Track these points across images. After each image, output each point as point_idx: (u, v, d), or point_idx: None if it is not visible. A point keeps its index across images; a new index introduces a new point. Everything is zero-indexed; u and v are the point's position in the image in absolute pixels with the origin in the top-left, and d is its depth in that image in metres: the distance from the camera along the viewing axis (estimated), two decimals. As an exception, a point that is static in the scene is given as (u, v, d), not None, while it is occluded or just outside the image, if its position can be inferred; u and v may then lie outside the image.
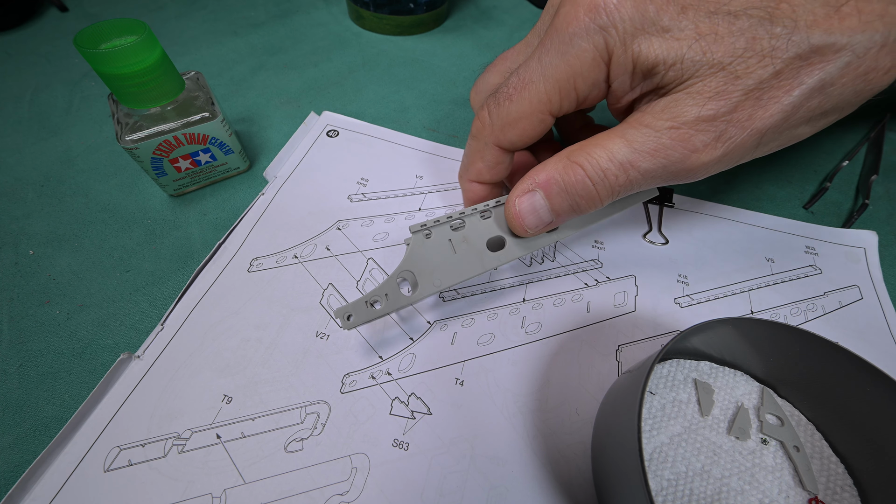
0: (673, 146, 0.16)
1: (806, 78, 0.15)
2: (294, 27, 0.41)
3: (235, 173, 0.28)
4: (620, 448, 0.14)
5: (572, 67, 0.17)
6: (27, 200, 0.27)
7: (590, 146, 0.17)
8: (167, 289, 0.23)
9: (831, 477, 0.17)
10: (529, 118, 0.18)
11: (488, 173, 0.21)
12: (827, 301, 0.24)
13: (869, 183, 0.29)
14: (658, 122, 0.16)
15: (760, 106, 0.16)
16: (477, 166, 0.21)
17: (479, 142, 0.20)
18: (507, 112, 0.18)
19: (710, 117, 0.15)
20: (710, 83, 0.15)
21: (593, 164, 0.17)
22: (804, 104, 0.16)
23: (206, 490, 0.17)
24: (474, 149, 0.21)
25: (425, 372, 0.21)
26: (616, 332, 0.22)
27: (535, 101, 0.18)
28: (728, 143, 0.16)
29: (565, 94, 0.18)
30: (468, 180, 0.22)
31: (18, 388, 0.20)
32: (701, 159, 0.16)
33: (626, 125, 0.17)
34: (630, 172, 0.17)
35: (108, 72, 0.20)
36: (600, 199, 0.18)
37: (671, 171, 0.17)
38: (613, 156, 0.17)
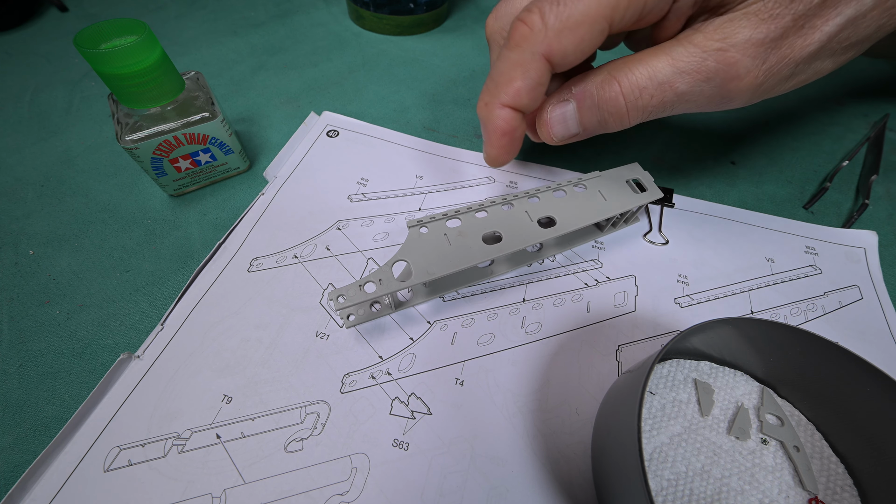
0: (717, 70, 0.16)
1: (844, 8, 0.15)
2: (294, 27, 0.41)
3: (235, 173, 0.28)
4: (620, 448, 0.14)
5: None
6: (27, 200, 0.27)
7: (633, 61, 0.17)
8: (167, 289, 0.23)
9: (831, 477, 0.17)
10: (592, 24, 0.16)
11: (527, 95, 0.17)
12: (827, 301, 0.24)
13: (869, 183, 0.29)
14: (708, 42, 0.16)
15: (802, 34, 0.16)
16: (515, 85, 0.17)
17: (524, 52, 0.16)
18: (570, 12, 0.15)
19: (760, 41, 0.15)
20: (767, 4, 0.15)
21: (631, 81, 0.16)
22: (837, 34, 0.16)
23: (206, 490, 0.17)
24: (513, 62, 0.17)
25: (425, 372, 0.21)
26: (616, 332, 0.22)
27: (603, 4, 0.15)
28: (768, 71, 0.16)
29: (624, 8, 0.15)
30: (500, 104, 0.18)
31: (18, 388, 0.20)
32: (740, 86, 0.16)
33: (674, 42, 0.16)
34: (666, 93, 0.16)
35: (108, 72, 0.20)
36: (629, 118, 0.18)
37: (706, 96, 0.17)
38: (654, 74, 0.16)
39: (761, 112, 0.35)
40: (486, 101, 0.18)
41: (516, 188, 0.28)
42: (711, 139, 0.33)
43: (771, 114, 0.35)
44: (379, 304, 0.22)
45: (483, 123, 0.19)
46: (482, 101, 0.19)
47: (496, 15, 0.20)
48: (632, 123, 0.18)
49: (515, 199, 0.22)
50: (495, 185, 0.28)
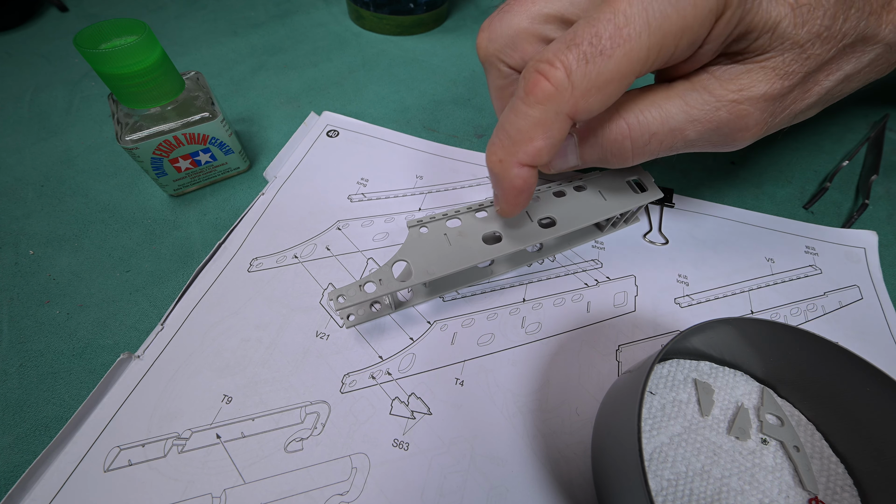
0: (728, 121, 0.15)
1: (845, 65, 0.15)
2: (294, 27, 0.41)
3: (235, 173, 0.28)
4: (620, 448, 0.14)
5: (686, 20, 0.13)
6: (27, 200, 0.27)
7: (643, 102, 0.16)
8: (167, 289, 0.23)
9: (831, 477, 0.17)
10: (621, 81, 0.14)
11: (548, 154, 0.16)
12: (827, 301, 0.24)
13: (869, 183, 0.29)
14: (722, 91, 0.15)
15: (806, 90, 0.16)
16: (536, 145, 0.15)
17: (547, 110, 0.15)
18: (601, 72, 0.14)
19: (772, 97, 0.15)
20: (786, 60, 0.15)
21: (642, 125, 0.16)
22: (833, 88, 0.16)
23: (206, 490, 0.17)
24: (535, 121, 0.15)
25: (425, 372, 0.21)
26: (616, 332, 0.22)
27: (634, 60, 0.14)
28: (772, 122, 0.16)
29: (664, 53, 0.14)
30: (518, 163, 0.16)
31: (18, 388, 0.20)
32: (745, 136, 0.16)
33: (688, 86, 0.16)
34: (676, 139, 0.16)
35: (108, 72, 0.20)
36: (632, 160, 0.17)
37: (711, 143, 0.16)
38: (667, 119, 0.16)
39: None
40: (500, 157, 0.16)
41: (516, 188, 0.28)
42: (711, 139, 0.33)
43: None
44: (379, 304, 0.22)
45: (497, 179, 0.17)
46: (495, 155, 0.16)
47: (490, 35, 0.19)
48: (632, 164, 0.17)
49: (515, 199, 0.22)
50: (495, 185, 0.28)
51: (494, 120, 0.33)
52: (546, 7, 0.17)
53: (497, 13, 0.18)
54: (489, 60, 0.19)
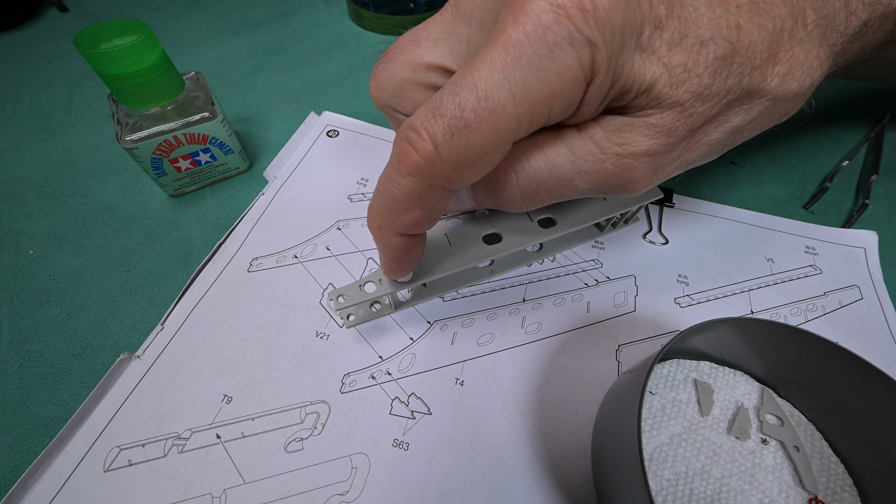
0: (615, 173, 0.15)
1: (733, 118, 0.16)
2: (294, 27, 0.41)
3: (235, 173, 0.28)
4: (620, 448, 0.14)
5: (551, 89, 0.13)
6: (27, 200, 0.27)
7: (531, 149, 0.15)
8: (167, 289, 0.23)
9: (831, 477, 0.17)
10: (494, 152, 0.14)
11: (427, 223, 0.15)
12: (827, 301, 0.24)
13: (869, 183, 0.29)
14: (607, 144, 0.15)
15: (694, 142, 0.16)
16: (412, 216, 0.15)
17: (420, 183, 0.14)
18: (468, 146, 0.13)
19: (656, 152, 0.15)
20: (666, 118, 0.14)
21: (529, 174, 0.15)
22: (723, 140, 0.16)
23: (206, 490, 0.17)
24: (411, 192, 0.14)
25: (425, 372, 0.21)
26: (616, 332, 0.22)
27: (503, 131, 0.13)
28: (661, 173, 0.16)
29: (536, 120, 0.13)
30: (395, 233, 0.16)
31: (18, 388, 0.20)
32: (636, 186, 0.16)
33: (575, 134, 0.15)
34: (566, 188, 0.16)
35: (108, 72, 0.20)
36: (525, 207, 0.17)
37: (601, 192, 0.16)
38: (554, 168, 0.15)
39: (761, 112, 0.35)
40: (378, 223, 0.16)
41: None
42: (711, 139, 0.33)
43: (771, 114, 0.35)
44: (379, 304, 0.22)
45: (378, 244, 0.17)
46: (374, 221, 0.16)
47: (377, 85, 0.18)
48: (527, 210, 0.17)
49: (515, 199, 0.22)
50: (495, 185, 0.28)
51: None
52: (426, 56, 0.16)
53: (381, 62, 0.17)
54: (384, 110, 0.18)
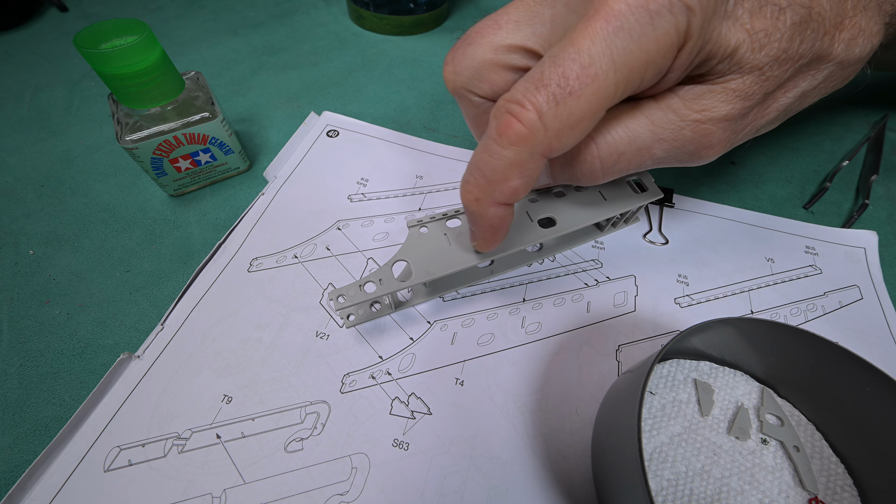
0: (692, 139, 0.16)
1: (801, 82, 0.16)
2: (294, 27, 0.41)
3: (235, 173, 0.28)
4: (620, 448, 0.14)
5: (649, 55, 0.13)
6: (27, 200, 0.27)
7: (611, 123, 0.16)
8: (167, 289, 0.23)
9: (831, 477, 0.17)
10: (592, 119, 0.14)
11: (524, 191, 0.16)
12: (827, 301, 0.24)
13: (869, 183, 0.29)
14: (686, 111, 0.16)
15: (765, 107, 0.16)
16: (512, 185, 0.15)
17: (522, 151, 0.15)
18: (571, 112, 0.14)
19: (734, 116, 0.16)
20: (746, 82, 0.15)
21: (610, 145, 0.16)
22: (789, 105, 0.17)
23: (206, 490, 0.17)
24: (510, 161, 0.15)
25: (425, 372, 0.21)
26: (616, 332, 0.22)
27: (603, 97, 0.14)
28: (734, 139, 0.16)
29: (630, 86, 0.14)
30: (495, 203, 0.16)
31: (18, 388, 0.20)
32: (710, 153, 0.16)
33: (652, 105, 0.16)
34: (644, 158, 0.16)
35: (108, 72, 0.20)
36: (602, 179, 0.17)
37: (678, 160, 0.17)
38: (634, 138, 0.16)
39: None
40: (475, 196, 0.16)
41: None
42: (711, 139, 0.33)
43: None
44: (379, 304, 0.22)
45: (473, 218, 0.17)
46: (471, 194, 0.16)
47: (455, 68, 0.18)
48: (603, 182, 0.18)
49: (515, 199, 0.22)
50: (495, 185, 0.28)
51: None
52: (508, 38, 0.17)
53: (459, 45, 0.18)
54: (458, 93, 0.19)
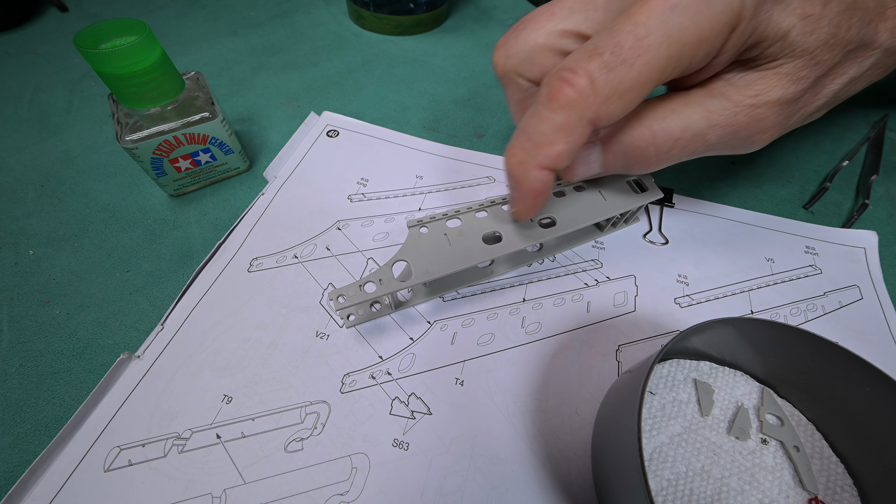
0: (747, 124, 0.16)
1: (849, 69, 0.17)
2: (294, 27, 0.41)
3: (235, 173, 0.28)
4: (620, 448, 0.14)
5: (702, 33, 0.14)
6: (27, 200, 0.27)
7: (664, 109, 0.17)
8: (167, 289, 0.23)
9: (831, 477, 0.17)
10: (641, 90, 0.15)
11: (569, 157, 0.16)
12: (827, 301, 0.24)
13: (869, 183, 0.29)
14: (739, 97, 0.16)
15: (815, 93, 0.17)
16: (557, 149, 0.16)
17: (570, 115, 0.15)
18: (622, 80, 0.14)
19: (787, 100, 0.16)
20: (797, 66, 0.16)
21: (666, 132, 0.17)
22: (838, 91, 0.17)
23: (206, 490, 0.17)
24: (557, 125, 0.16)
25: (425, 372, 0.21)
26: (616, 332, 0.22)
27: (653, 69, 0.14)
28: (786, 124, 0.17)
29: (681, 63, 0.15)
30: (538, 166, 0.17)
31: (18, 388, 0.20)
32: (763, 137, 0.17)
33: (705, 93, 0.17)
34: (698, 144, 0.17)
35: (108, 72, 0.20)
36: (655, 165, 0.18)
37: (730, 146, 0.17)
38: (689, 125, 0.16)
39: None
40: (520, 159, 0.17)
41: (516, 188, 0.28)
42: (711, 139, 0.33)
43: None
44: (379, 304, 0.22)
45: (516, 181, 0.18)
46: (515, 158, 0.17)
47: (507, 52, 0.19)
48: (653, 170, 0.18)
49: (515, 199, 0.22)
50: (495, 185, 0.28)
51: (494, 120, 0.33)
52: (562, 24, 0.18)
53: (512, 31, 0.19)
54: (507, 76, 0.20)
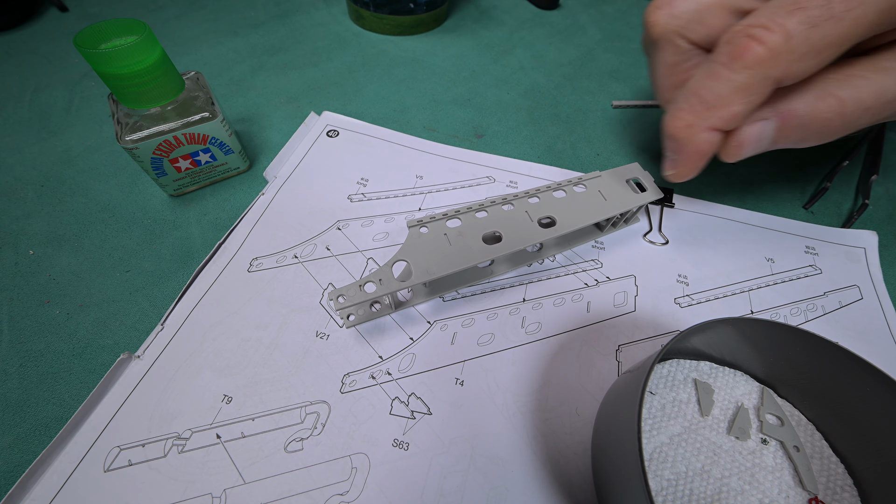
0: None
1: None
2: (294, 27, 0.41)
3: (235, 173, 0.28)
4: (620, 448, 0.14)
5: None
6: (27, 200, 0.27)
7: (850, 76, 0.16)
8: (167, 289, 0.23)
9: (831, 477, 0.17)
10: (841, 46, 0.14)
11: (743, 118, 0.16)
12: (827, 301, 0.24)
13: (869, 183, 0.29)
14: None
15: None
16: (733, 110, 0.15)
17: (755, 75, 0.15)
18: (824, 36, 0.14)
19: None
20: None
21: (856, 101, 0.16)
22: None
23: (206, 490, 0.17)
24: (738, 85, 0.15)
25: (425, 372, 0.21)
26: (616, 332, 0.22)
27: (862, 25, 0.14)
28: None
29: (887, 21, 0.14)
30: (708, 127, 0.16)
31: (18, 388, 0.20)
32: None
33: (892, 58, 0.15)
34: (887, 111, 0.16)
35: (108, 72, 0.20)
36: (832, 136, 0.17)
37: None
38: (882, 92, 0.15)
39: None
40: (688, 121, 0.16)
41: (516, 188, 0.28)
42: (711, 139, 0.33)
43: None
44: (379, 304, 0.22)
45: (681, 144, 0.17)
46: (682, 121, 0.17)
47: (672, 11, 0.18)
48: (831, 140, 0.17)
49: (515, 199, 0.22)
50: (495, 185, 0.28)
51: (494, 120, 0.33)
52: None
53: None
54: (666, 37, 0.19)
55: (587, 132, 0.33)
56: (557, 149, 0.31)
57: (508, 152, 0.31)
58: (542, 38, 0.41)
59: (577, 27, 0.43)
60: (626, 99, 0.35)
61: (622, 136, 0.32)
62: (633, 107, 0.35)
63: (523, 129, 0.33)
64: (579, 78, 0.37)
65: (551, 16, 0.45)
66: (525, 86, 0.36)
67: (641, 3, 0.47)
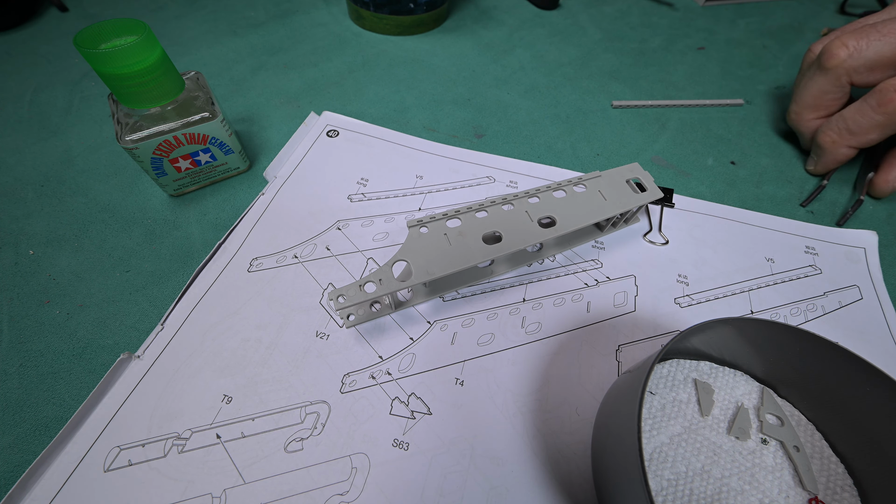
0: None
1: None
2: (294, 27, 0.41)
3: (235, 173, 0.28)
4: (620, 448, 0.14)
5: None
6: (27, 200, 0.27)
7: None
8: (167, 289, 0.23)
9: (831, 477, 0.17)
10: None
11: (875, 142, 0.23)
12: (827, 301, 0.24)
13: (866, 181, 0.29)
14: None
15: None
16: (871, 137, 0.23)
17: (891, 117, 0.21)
18: None
19: None
20: None
21: None
22: None
23: (206, 490, 0.17)
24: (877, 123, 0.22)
25: (425, 372, 0.21)
26: (616, 332, 0.22)
27: None
28: None
29: None
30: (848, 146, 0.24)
31: (18, 388, 0.20)
32: None
33: None
34: None
35: (108, 72, 0.20)
36: None
37: None
38: None
39: (760, 111, 0.35)
40: (833, 139, 0.24)
41: (516, 188, 0.28)
42: (711, 139, 0.33)
43: (771, 113, 0.35)
44: (379, 304, 0.22)
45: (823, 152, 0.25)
46: (829, 137, 0.24)
47: (853, 53, 0.22)
48: None
49: (515, 199, 0.22)
50: (495, 185, 0.28)
51: (494, 120, 0.33)
52: None
53: (862, 33, 0.21)
54: (837, 72, 0.23)
55: (587, 132, 0.33)
56: (557, 149, 0.31)
57: (508, 152, 0.31)
58: (542, 38, 0.41)
59: (577, 27, 0.43)
60: (626, 99, 0.35)
61: (622, 136, 0.32)
62: (633, 107, 0.35)
63: (523, 129, 0.33)
64: (579, 78, 0.37)
65: (551, 16, 0.45)
66: (525, 86, 0.36)
67: (641, 3, 0.47)
